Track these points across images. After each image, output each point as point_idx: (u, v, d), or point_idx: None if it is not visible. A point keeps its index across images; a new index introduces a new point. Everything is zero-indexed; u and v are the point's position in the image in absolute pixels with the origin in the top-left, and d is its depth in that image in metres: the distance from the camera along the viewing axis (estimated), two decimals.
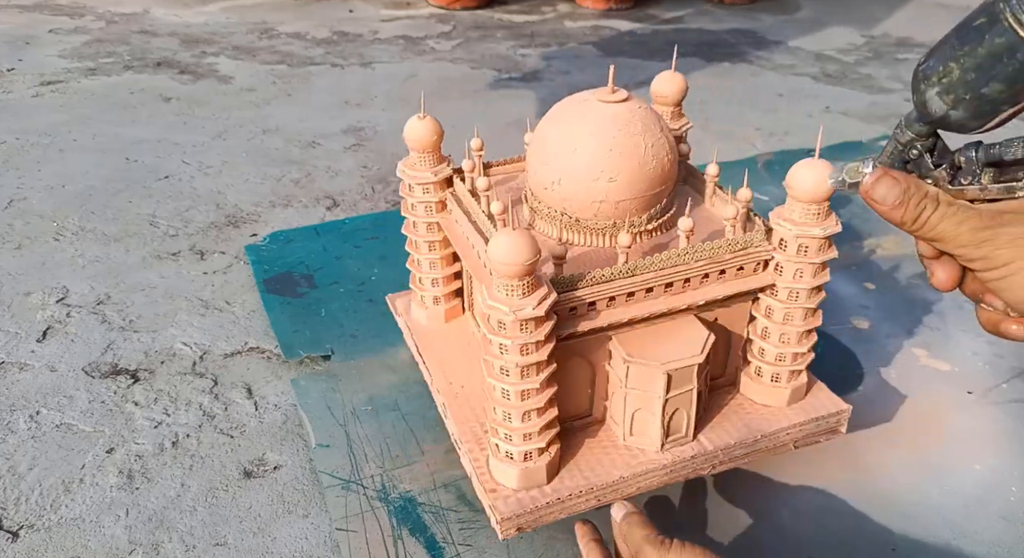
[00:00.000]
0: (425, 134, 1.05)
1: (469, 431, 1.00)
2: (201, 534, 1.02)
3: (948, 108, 0.50)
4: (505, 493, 0.92)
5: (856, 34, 3.25)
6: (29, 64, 2.69)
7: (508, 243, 0.77)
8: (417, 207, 1.09)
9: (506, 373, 0.85)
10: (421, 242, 1.13)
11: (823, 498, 1.07)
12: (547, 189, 0.96)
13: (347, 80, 2.65)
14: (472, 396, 1.05)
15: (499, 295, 0.81)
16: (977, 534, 1.02)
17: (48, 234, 1.69)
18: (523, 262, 0.77)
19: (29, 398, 1.24)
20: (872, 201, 0.55)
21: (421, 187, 1.07)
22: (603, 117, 0.93)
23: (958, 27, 0.50)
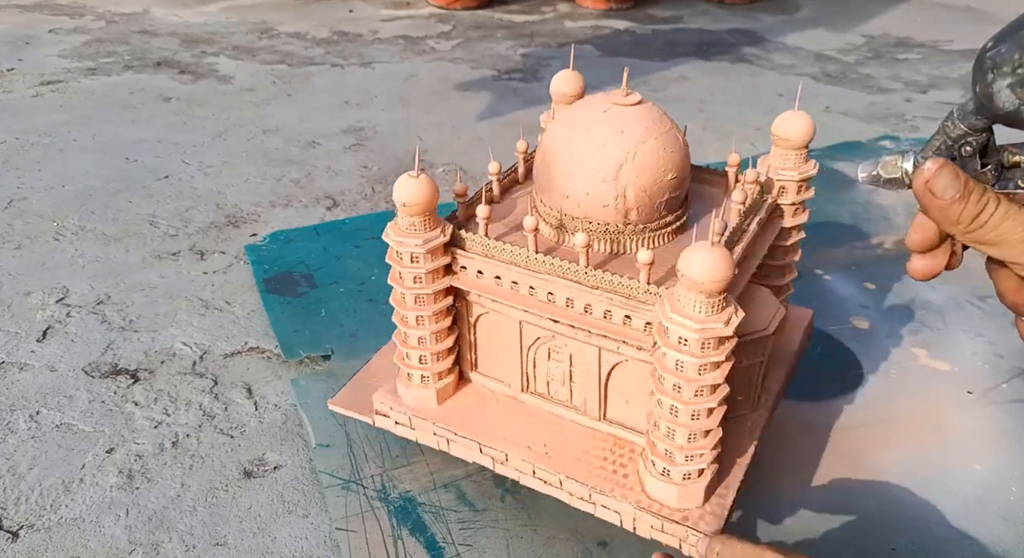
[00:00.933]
0: (421, 196, 0.89)
1: (604, 480, 0.93)
2: (201, 534, 1.02)
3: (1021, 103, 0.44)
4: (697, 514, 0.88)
5: (856, 34, 3.25)
6: (29, 64, 2.69)
7: (709, 259, 0.74)
8: (423, 278, 0.94)
9: (701, 394, 0.82)
10: (430, 315, 0.97)
11: (823, 498, 1.07)
12: (559, 195, 0.94)
13: (347, 80, 2.65)
14: (564, 448, 0.98)
15: (702, 315, 0.77)
16: (977, 534, 1.02)
17: (48, 234, 1.69)
18: (723, 278, 0.75)
19: (29, 398, 1.24)
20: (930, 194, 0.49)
21: (430, 255, 0.93)
22: (618, 120, 0.91)
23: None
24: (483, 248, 0.92)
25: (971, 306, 1.46)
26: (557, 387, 1.00)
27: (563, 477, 0.94)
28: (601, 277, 0.86)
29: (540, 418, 1.01)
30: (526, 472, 0.97)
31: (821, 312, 1.42)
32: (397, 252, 0.93)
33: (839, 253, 1.62)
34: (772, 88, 2.63)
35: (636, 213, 0.91)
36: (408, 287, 0.95)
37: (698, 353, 0.79)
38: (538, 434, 0.99)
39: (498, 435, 0.99)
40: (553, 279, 0.89)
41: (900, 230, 1.72)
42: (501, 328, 1.00)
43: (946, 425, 1.19)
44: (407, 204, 0.89)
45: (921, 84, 2.66)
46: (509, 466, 0.98)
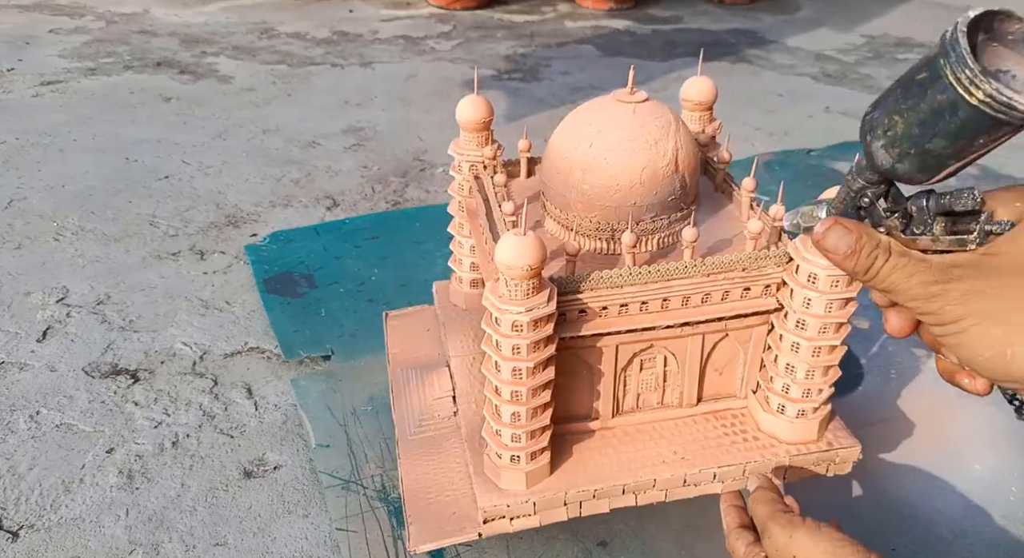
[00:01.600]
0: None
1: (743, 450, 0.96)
2: (201, 534, 1.02)
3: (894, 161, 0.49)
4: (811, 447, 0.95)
5: (856, 34, 3.25)
6: (29, 64, 2.70)
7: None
8: (523, 349, 0.83)
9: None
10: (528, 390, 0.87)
11: (823, 498, 1.07)
12: (566, 192, 0.94)
13: (347, 80, 2.65)
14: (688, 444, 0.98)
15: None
16: (977, 534, 1.02)
17: (48, 234, 1.69)
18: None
19: (29, 398, 1.24)
20: (824, 250, 0.53)
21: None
22: (624, 119, 0.91)
23: (902, 79, 0.49)
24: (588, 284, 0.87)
25: None
26: (648, 395, 0.99)
27: (716, 469, 0.94)
28: (714, 262, 0.88)
29: (638, 434, 0.98)
30: (676, 485, 0.94)
31: None
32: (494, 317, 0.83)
33: None
34: (772, 88, 2.63)
35: (647, 210, 0.92)
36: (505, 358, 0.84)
37: (828, 290, 0.84)
38: (654, 447, 0.97)
39: (628, 468, 0.93)
40: (665, 285, 0.88)
41: None
42: (583, 364, 0.94)
43: (946, 425, 1.19)
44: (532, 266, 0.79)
45: None
46: (656, 489, 0.94)
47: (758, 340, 0.96)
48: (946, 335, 0.51)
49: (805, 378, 0.92)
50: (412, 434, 1.06)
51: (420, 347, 1.21)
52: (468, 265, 1.17)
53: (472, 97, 1.04)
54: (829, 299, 0.86)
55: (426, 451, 1.03)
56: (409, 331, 1.25)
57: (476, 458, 0.94)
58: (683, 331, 0.92)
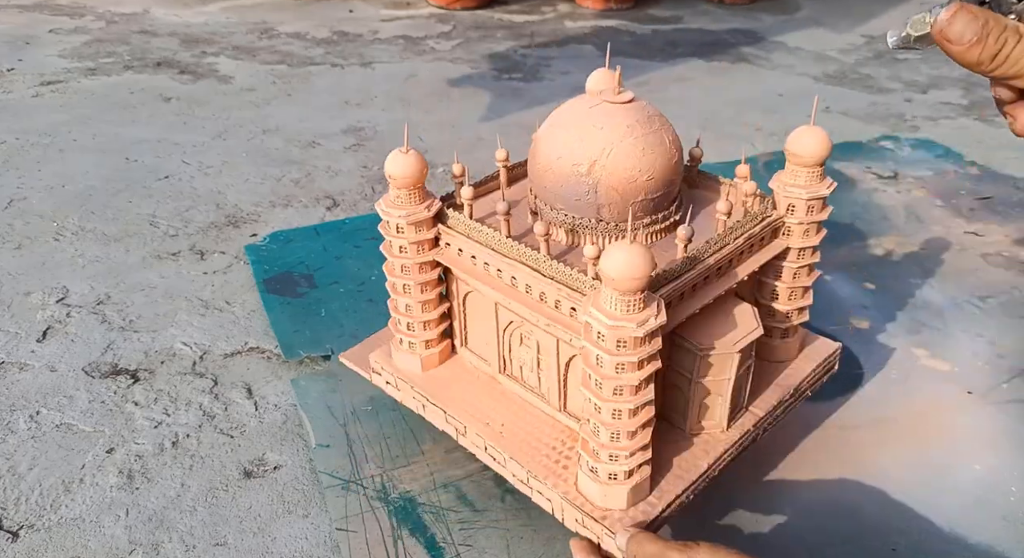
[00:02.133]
0: (413, 168, 0.96)
1: (542, 467, 0.95)
2: (201, 534, 1.02)
3: None
4: (617, 515, 0.88)
5: (856, 34, 3.25)
6: (29, 64, 2.70)
7: (626, 257, 0.75)
8: (409, 248, 0.99)
9: (619, 393, 0.82)
10: (414, 285, 1.02)
11: (823, 498, 1.07)
12: (552, 191, 0.94)
13: (347, 80, 2.65)
14: (521, 432, 1.00)
15: (618, 312, 0.78)
16: (977, 534, 1.02)
17: (48, 234, 1.69)
18: (645, 275, 0.75)
19: (29, 398, 1.24)
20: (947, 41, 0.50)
21: (414, 227, 0.98)
22: (601, 117, 0.92)
23: None
24: (464, 227, 0.97)
25: (971, 306, 1.46)
26: (528, 373, 1.02)
27: (507, 457, 0.97)
28: (556, 267, 0.87)
29: (510, 400, 1.04)
30: (479, 446, 1.01)
31: (821, 312, 1.42)
32: (386, 221, 0.99)
33: (839, 253, 1.62)
34: (772, 88, 2.63)
35: (608, 210, 0.92)
36: (394, 256, 1.01)
37: (613, 350, 0.79)
38: (501, 414, 1.02)
39: (465, 409, 1.03)
40: (516, 264, 0.91)
41: (900, 230, 1.72)
42: (483, 308, 1.02)
43: (946, 425, 1.19)
44: (394, 177, 0.96)
45: (921, 84, 2.66)
46: (467, 439, 1.02)
47: None
48: None
49: (592, 433, 0.86)
50: None
51: None
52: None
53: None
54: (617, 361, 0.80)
55: None
56: None
57: None
58: (539, 321, 0.92)
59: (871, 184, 1.93)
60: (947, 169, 2.01)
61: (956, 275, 1.56)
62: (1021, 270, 1.57)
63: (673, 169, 0.94)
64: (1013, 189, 1.91)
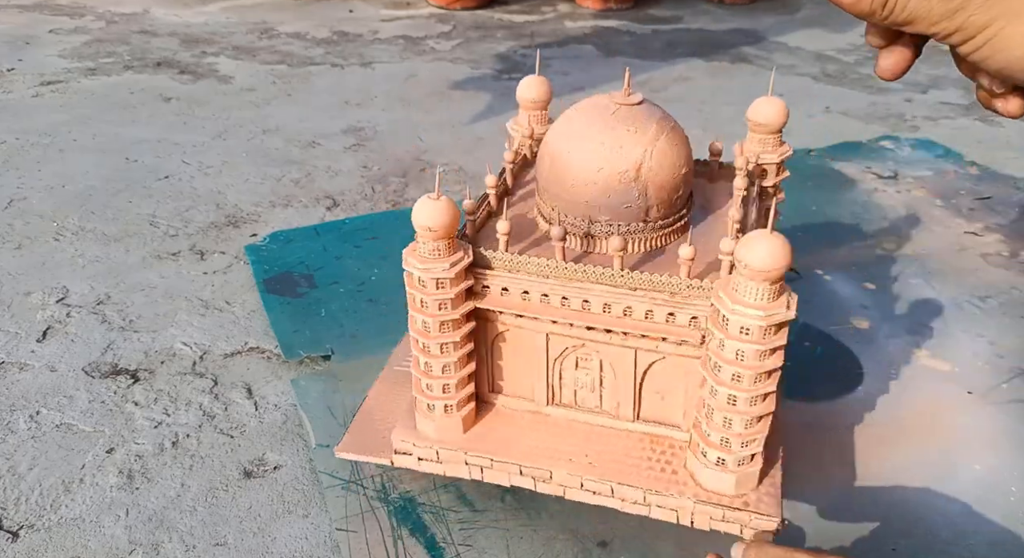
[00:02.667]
0: (445, 219, 0.85)
1: (655, 479, 0.92)
2: (201, 534, 1.02)
3: None
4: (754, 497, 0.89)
5: (856, 34, 3.25)
6: (29, 64, 2.70)
7: (769, 247, 0.75)
8: (448, 304, 0.90)
9: (759, 380, 0.82)
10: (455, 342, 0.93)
11: (823, 498, 1.07)
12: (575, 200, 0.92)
13: (347, 80, 2.65)
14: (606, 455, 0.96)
15: (764, 302, 0.78)
16: (977, 534, 1.02)
17: (48, 234, 1.69)
18: (783, 266, 0.76)
19: (29, 398, 1.24)
20: None
21: (435, 282, 0.88)
22: (629, 120, 0.91)
23: None
24: (508, 264, 0.90)
25: (971, 306, 1.46)
26: (585, 395, 0.98)
27: (614, 484, 0.92)
28: (640, 278, 0.85)
29: (570, 429, 0.99)
30: (573, 485, 0.94)
31: (821, 312, 1.42)
32: (420, 279, 0.88)
33: (839, 253, 1.62)
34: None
35: (656, 210, 0.92)
36: (434, 314, 0.90)
37: (760, 340, 0.80)
38: (574, 445, 0.96)
39: (535, 453, 0.96)
40: (588, 286, 0.88)
41: (900, 230, 1.72)
42: (524, 344, 0.96)
43: (946, 425, 1.19)
44: (433, 228, 0.85)
45: (921, 84, 2.66)
46: (553, 483, 0.95)
47: (696, 375, 0.90)
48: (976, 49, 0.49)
49: (722, 425, 0.86)
50: (398, 365, 1.15)
51: None
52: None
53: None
54: (762, 349, 0.81)
55: (400, 383, 1.10)
56: None
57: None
58: (612, 339, 0.91)
59: (871, 184, 1.93)
60: (947, 169, 2.01)
61: (956, 275, 1.56)
62: (1021, 270, 1.57)
63: (690, 163, 0.96)
64: (1013, 189, 1.91)
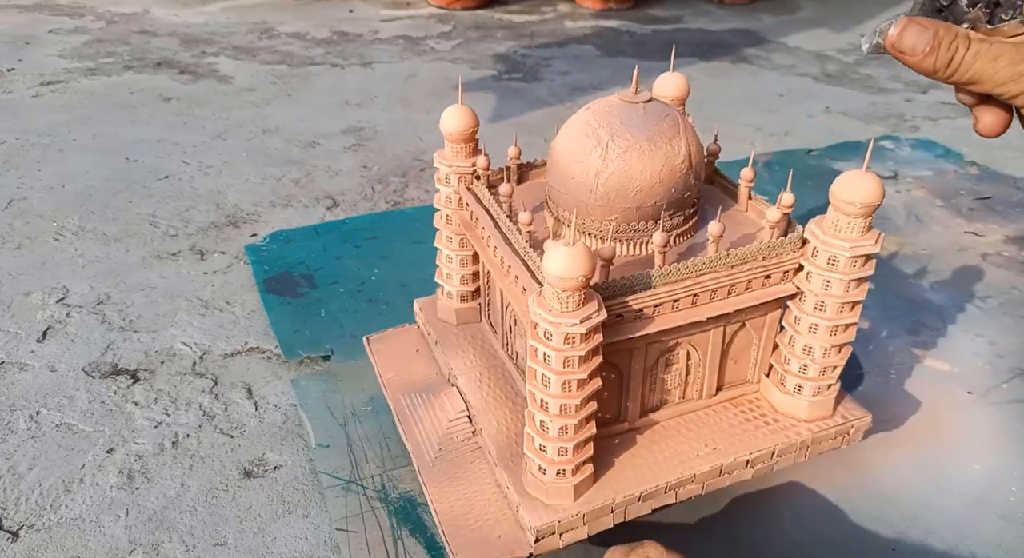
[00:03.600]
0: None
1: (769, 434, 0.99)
2: (201, 534, 1.02)
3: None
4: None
5: (856, 34, 3.25)
6: (29, 64, 2.69)
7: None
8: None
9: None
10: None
11: (824, 498, 1.07)
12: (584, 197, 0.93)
13: (347, 80, 2.65)
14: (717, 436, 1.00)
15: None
16: (977, 534, 1.02)
17: (48, 234, 1.69)
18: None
19: (29, 398, 1.24)
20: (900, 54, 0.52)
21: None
22: (635, 119, 0.91)
23: None
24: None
25: (971, 306, 1.46)
26: (670, 391, 1.00)
27: (748, 456, 0.97)
28: (736, 255, 0.89)
29: (665, 431, 1.00)
30: (713, 476, 0.96)
31: None
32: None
33: None
34: (772, 88, 2.63)
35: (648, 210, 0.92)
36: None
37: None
38: (687, 442, 0.98)
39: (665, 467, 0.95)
40: (696, 279, 0.89)
41: (900, 230, 1.72)
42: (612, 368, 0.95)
43: (946, 425, 1.19)
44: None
45: (921, 84, 2.66)
46: (695, 483, 0.95)
47: (772, 324, 1.00)
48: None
49: (823, 357, 0.95)
50: (433, 461, 1.03)
51: (415, 369, 1.18)
52: (458, 279, 1.14)
53: (457, 106, 1.02)
54: (848, 279, 0.89)
55: (452, 476, 1.00)
56: (397, 353, 1.22)
57: (514, 477, 0.93)
58: (708, 325, 0.94)
59: None
60: (947, 169, 2.01)
61: (956, 275, 1.56)
62: (1021, 270, 1.57)
63: (701, 161, 0.96)
64: (1013, 189, 1.91)
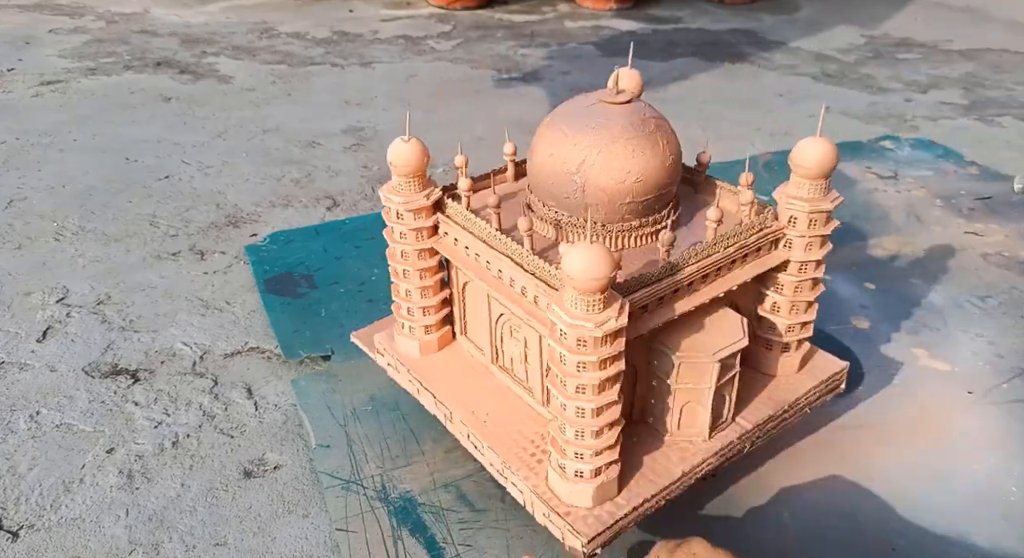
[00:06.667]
0: (414, 157, 0.98)
1: (517, 458, 0.96)
2: (201, 534, 1.02)
3: None
4: (581, 514, 0.89)
5: (856, 34, 3.25)
6: (29, 64, 2.69)
7: (587, 257, 0.75)
8: (408, 235, 1.03)
9: (582, 391, 0.83)
10: (413, 271, 1.06)
11: (823, 498, 1.07)
12: (544, 189, 0.95)
13: (347, 80, 2.65)
14: (504, 421, 1.01)
15: (578, 311, 0.78)
16: (977, 534, 1.02)
17: (48, 234, 1.69)
18: (604, 276, 0.75)
19: (29, 398, 1.24)
20: None
21: (412, 214, 1.01)
22: (594, 117, 0.92)
23: None
24: (461, 218, 0.99)
25: (971, 306, 1.46)
26: (517, 365, 1.03)
27: (486, 446, 0.98)
28: (535, 262, 0.88)
29: (499, 391, 1.05)
30: (463, 434, 1.03)
31: (821, 312, 1.42)
32: (388, 209, 1.02)
33: (839, 253, 1.62)
34: (772, 88, 2.63)
35: (595, 210, 0.92)
36: (394, 241, 1.04)
37: (573, 348, 0.80)
38: (489, 404, 1.03)
39: (455, 395, 1.05)
40: (502, 258, 0.92)
41: (900, 230, 1.72)
42: (478, 298, 1.04)
43: (946, 425, 1.19)
44: (395, 164, 0.99)
45: (921, 84, 2.66)
46: (454, 425, 1.04)
47: None
48: None
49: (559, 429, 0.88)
50: None
51: None
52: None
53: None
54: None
55: None
56: None
57: None
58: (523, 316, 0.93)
59: (871, 184, 1.93)
60: (947, 169, 2.01)
61: (956, 275, 1.56)
62: (1021, 270, 1.57)
63: (667, 173, 0.94)
64: (1013, 189, 1.91)
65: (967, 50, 3.00)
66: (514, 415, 1.02)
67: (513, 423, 1.01)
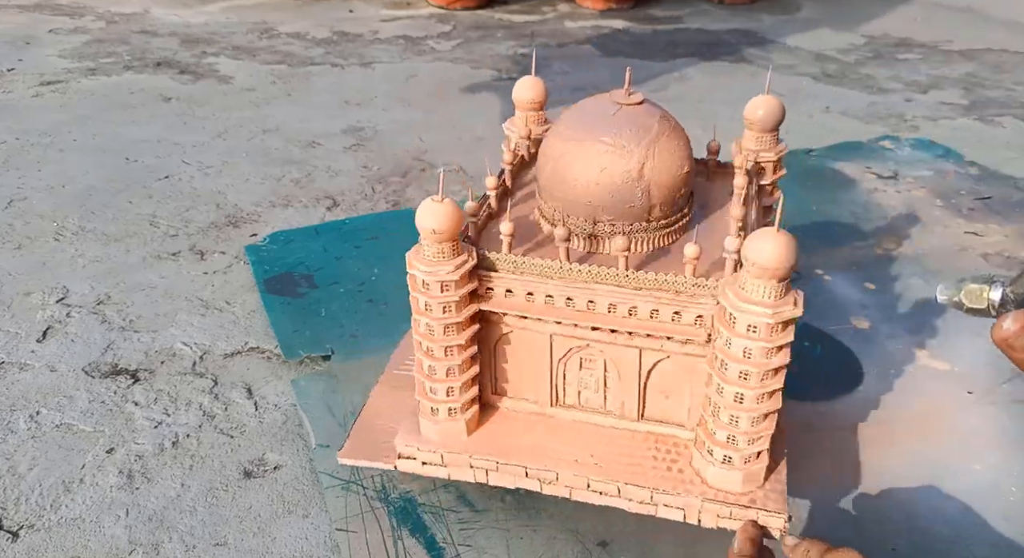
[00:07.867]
0: (450, 221, 0.85)
1: (662, 478, 0.92)
2: (201, 534, 1.02)
3: None
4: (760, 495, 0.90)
5: (856, 34, 3.25)
6: (29, 64, 2.69)
7: (775, 245, 0.76)
8: (452, 306, 0.89)
9: (746, 377, 0.83)
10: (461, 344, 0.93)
11: (823, 498, 1.07)
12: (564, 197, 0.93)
13: (347, 80, 2.65)
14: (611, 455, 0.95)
15: (759, 298, 0.79)
16: (977, 534, 1.02)
17: (48, 234, 1.69)
18: (789, 264, 0.77)
19: (29, 398, 1.24)
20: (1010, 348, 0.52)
21: (439, 285, 0.87)
22: (631, 119, 0.91)
23: None
24: (512, 266, 0.89)
25: None
26: (589, 395, 0.98)
27: (621, 485, 0.92)
28: (645, 278, 0.85)
29: (575, 430, 0.99)
30: (579, 486, 0.94)
31: (821, 312, 1.42)
32: (424, 282, 0.88)
33: (839, 253, 1.62)
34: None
35: (659, 210, 0.92)
36: (438, 318, 0.89)
37: (768, 337, 0.80)
38: (579, 446, 0.96)
39: (540, 455, 0.96)
40: (592, 287, 0.88)
41: (900, 230, 1.72)
42: (527, 346, 0.96)
43: (946, 425, 1.19)
44: (437, 231, 0.85)
45: (921, 84, 2.66)
46: (560, 484, 0.95)
47: (701, 373, 0.90)
48: None
49: (729, 423, 0.87)
50: (397, 368, 1.14)
51: None
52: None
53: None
54: (769, 347, 0.81)
55: (401, 387, 1.09)
56: None
57: None
58: (616, 339, 0.91)
59: (871, 184, 1.93)
60: (947, 169, 2.01)
61: (956, 275, 1.55)
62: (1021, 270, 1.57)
63: (691, 164, 0.96)
64: (1013, 189, 1.91)
65: (967, 50, 3.00)
66: (609, 445, 0.96)
67: (619, 451, 0.95)
